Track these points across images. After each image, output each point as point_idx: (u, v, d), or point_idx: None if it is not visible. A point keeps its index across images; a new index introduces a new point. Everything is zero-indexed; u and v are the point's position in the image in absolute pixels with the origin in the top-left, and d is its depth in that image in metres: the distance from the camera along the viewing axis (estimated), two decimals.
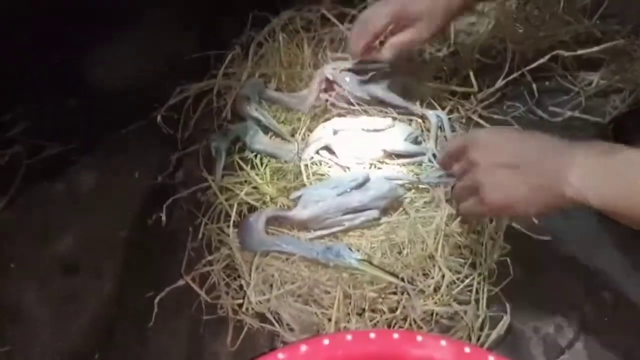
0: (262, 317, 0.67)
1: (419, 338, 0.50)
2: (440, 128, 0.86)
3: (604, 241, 0.76)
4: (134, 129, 0.90)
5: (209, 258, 0.72)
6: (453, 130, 0.86)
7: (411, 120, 0.88)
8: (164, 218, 0.78)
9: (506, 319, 0.66)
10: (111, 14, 1.04)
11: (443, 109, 0.88)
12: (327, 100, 0.90)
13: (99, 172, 0.87)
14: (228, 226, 0.75)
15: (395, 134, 0.84)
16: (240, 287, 0.69)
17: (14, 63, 0.96)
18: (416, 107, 0.88)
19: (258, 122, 0.87)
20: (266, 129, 0.87)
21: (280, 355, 0.49)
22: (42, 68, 0.97)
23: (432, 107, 0.88)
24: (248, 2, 0.99)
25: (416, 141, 0.84)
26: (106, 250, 0.78)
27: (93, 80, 0.98)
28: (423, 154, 0.82)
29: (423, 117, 0.87)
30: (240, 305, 0.67)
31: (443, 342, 0.49)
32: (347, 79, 0.89)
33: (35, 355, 0.69)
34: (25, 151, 0.89)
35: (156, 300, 0.69)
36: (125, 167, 0.86)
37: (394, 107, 0.88)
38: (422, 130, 0.86)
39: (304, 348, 0.50)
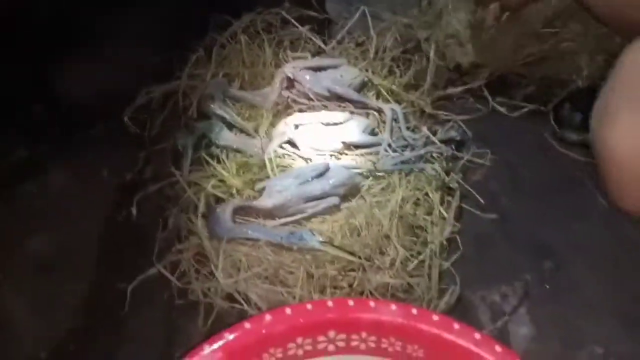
0: (231, 299, 0.71)
1: (372, 304, 0.55)
2: (395, 120, 0.91)
3: (547, 218, 0.83)
4: (102, 129, 0.93)
5: (179, 247, 0.76)
6: (407, 122, 0.92)
7: (368, 113, 0.93)
8: (134, 212, 0.81)
9: (455, 289, 0.72)
10: (74, 22, 1.07)
11: (398, 102, 0.94)
12: (288, 97, 0.95)
13: (69, 172, 0.90)
14: (196, 217, 0.78)
15: (353, 126, 0.89)
16: (210, 272, 0.73)
17: None
18: (372, 101, 0.93)
19: (223, 120, 0.91)
20: (231, 126, 0.92)
21: (247, 325, 0.53)
22: (7, 76, 0.99)
23: (387, 101, 0.94)
24: (209, 6, 1.03)
25: (373, 133, 0.90)
26: (79, 247, 0.81)
27: (60, 86, 1.01)
28: (379, 144, 0.88)
29: (379, 111, 0.93)
30: (210, 288, 0.71)
31: (393, 307, 0.55)
32: (307, 76, 0.94)
33: (15, 350, 0.72)
34: None
35: (129, 289, 0.73)
36: (95, 167, 0.89)
37: (352, 101, 0.93)
38: (378, 123, 0.92)
39: (268, 317, 0.54)
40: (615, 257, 0.78)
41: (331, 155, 0.87)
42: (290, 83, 0.95)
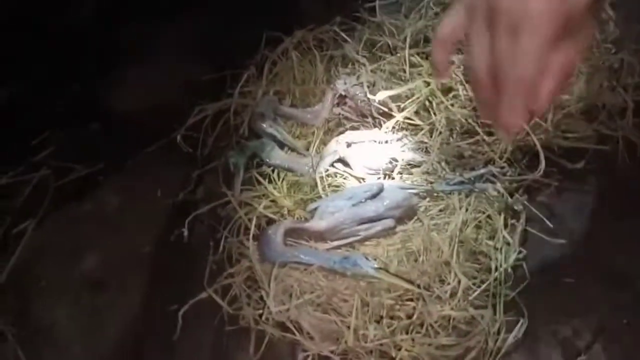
0: (283, 327, 0.68)
1: None
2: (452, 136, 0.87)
3: (619, 243, 0.76)
4: (156, 149, 0.93)
5: (230, 271, 0.75)
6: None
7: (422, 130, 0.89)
8: (186, 233, 0.80)
9: (523, 323, 0.66)
10: (127, 41, 1.09)
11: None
12: (340, 114, 0.92)
13: (124, 191, 0.90)
14: (248, 239, 0.77)
15: (408, 144, 0.85)
16: (261, 298, 0.71)
17: (39, 93, 1.01)
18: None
19: (274, 138, 0.90)
20: (282, 144, 0.90)
21: None
22: (66, 96, 1.02)
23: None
24: (261, 24, 1.02)
25: (427, 150, 0.86)
26: (132, 267, 0.80)
27: (114, 105, 1.03)
28: (437, 162, 0.84)
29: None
30: (261, 316, 0.69)
31: None
32: (359, 93, 0.91)
33: None
34: (52, 174, 0.93)
35: (180, 313, 0.72)
36: (148, 186, 0.89)
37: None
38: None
39: None
40: None
41: (385, 175, 0.84)
42: (342, 100, 0.93)
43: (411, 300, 0.68)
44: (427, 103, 0.86)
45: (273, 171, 0.87)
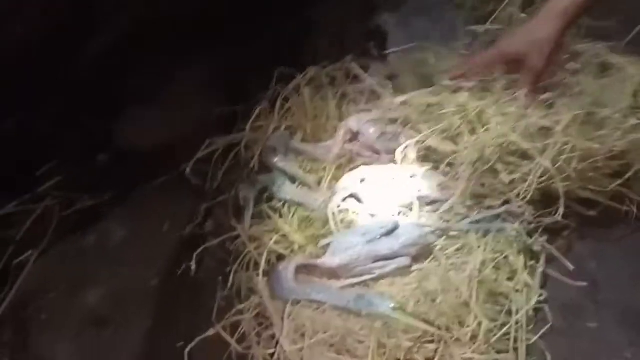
0: None
1: None
2: None
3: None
4: (164, 181, 0.92)
5: (240, 307, 0.72)
6: None
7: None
8: (193, 267, 0.78)
9: None
10: (139, 74, 1.09)
11: None
12: (351, 150, 0.91)
13: (130, 224, 0.88)
14: (258, 275, 0.74)
15: (424, 181, 0.84)
16: (272, 336, 0.68)
17: (47, 122, 1.01)
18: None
19: (285, 173, 0.89)
20: (293, 179, 0.89)
21: None
22: (74, 126, 1.01)
23: None
24: (274, 60, 1.03)
25: (444, 187, 0.84)
26: (136, 301, 0.78)
27: (123, 137, 1.02)
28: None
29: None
30: (272, 355, 0.66)
31: None
32: (371, 130, 0.91)
33: None
34: (57, 204, 0.91)
35: (187, 350, 0.69)
36: (155, 219, 0.87)
37: None
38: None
39: None
40: None
41: (400, 212, 0.82)
42: (354, 136, 0.92)
43: (430, 342, 0.65)
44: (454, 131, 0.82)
45: (284, 206, 0.85)
